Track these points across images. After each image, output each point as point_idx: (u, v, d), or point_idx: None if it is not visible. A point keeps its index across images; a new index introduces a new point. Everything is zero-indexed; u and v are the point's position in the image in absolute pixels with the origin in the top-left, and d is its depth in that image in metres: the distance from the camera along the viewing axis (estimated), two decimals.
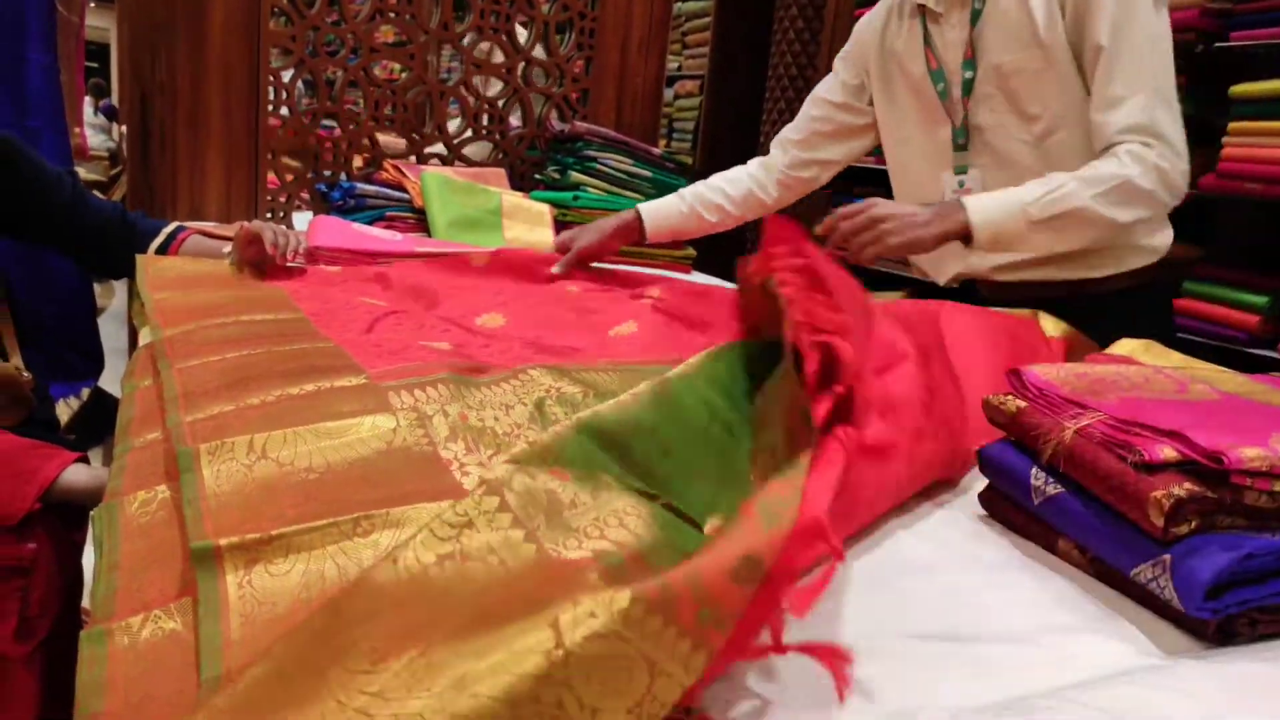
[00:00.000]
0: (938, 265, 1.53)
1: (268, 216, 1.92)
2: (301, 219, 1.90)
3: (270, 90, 1.92)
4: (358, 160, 2.05)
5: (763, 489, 0.52)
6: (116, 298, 3.91)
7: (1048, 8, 1.28)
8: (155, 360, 0.91)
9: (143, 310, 1.13)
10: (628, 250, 1.76)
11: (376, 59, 2.02)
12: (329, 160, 2.00)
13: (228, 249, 1.39)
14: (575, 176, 2.02)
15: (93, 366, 2.42)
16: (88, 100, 6.13)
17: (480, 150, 2.25)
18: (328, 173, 2.00)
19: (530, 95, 2.21)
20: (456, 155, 2.16)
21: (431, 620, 0.46)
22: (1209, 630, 0.61)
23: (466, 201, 1.79)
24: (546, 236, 1.80)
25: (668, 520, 0.59)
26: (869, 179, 3.04)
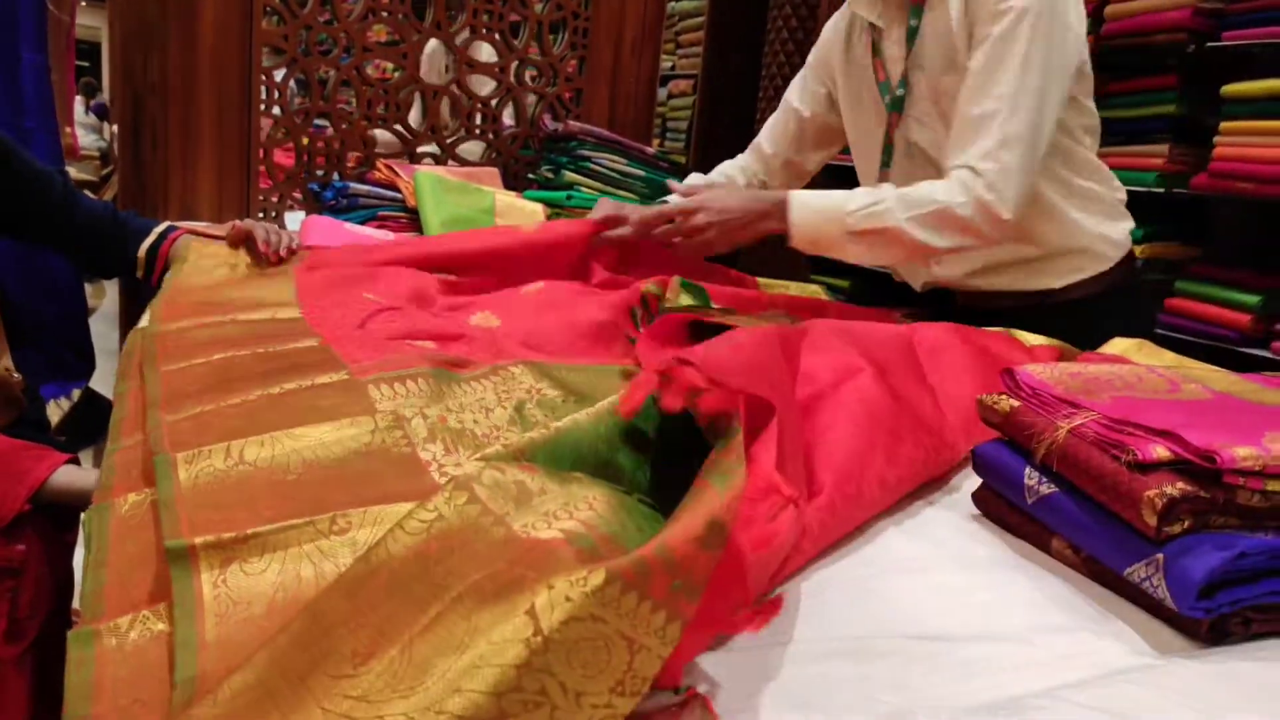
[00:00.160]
0: (912, 271, 1.54)
1: (260, 216, 1.91)
2: (294, 219, 1.89)
3: (263, 90, 1.91)
4: (350, 159, 2.04)
5: (709, 463, 0.53)
6: (107, 298, 3.89)
7: (965, 33, 1.29)
8: (143, 360, 0.91)
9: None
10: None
11: (369, 58, 2.01)
12: (321, 161, 2.00)
13: None
14: (569, 176, 2.02)
15: (85, 366, 2.41)
16: (79, 100, 6.12)
17: (474, 149, 2.25)
18: (320, 172, 2.00)
19: (524, 94, 2.20)
20: (450, 154, 2.15)
21: (409, 615, 0.45)
22: (1202, 629, 0.61)
23: (460, 201, 1.78)
24: None
25: (635, 507, 0.59)
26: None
